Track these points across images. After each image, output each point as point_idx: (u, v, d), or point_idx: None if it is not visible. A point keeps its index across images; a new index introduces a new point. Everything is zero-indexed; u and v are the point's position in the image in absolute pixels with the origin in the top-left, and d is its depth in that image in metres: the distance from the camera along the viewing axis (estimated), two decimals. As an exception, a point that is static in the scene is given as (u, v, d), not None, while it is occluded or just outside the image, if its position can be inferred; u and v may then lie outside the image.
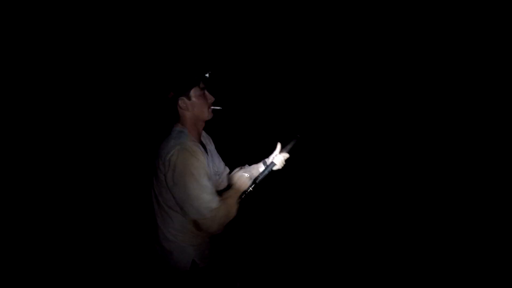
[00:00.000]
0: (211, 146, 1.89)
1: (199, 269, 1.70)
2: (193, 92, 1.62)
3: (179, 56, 4.22)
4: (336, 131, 4.45)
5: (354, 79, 4.61)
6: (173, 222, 1.65)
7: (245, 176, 1.77)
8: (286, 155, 1.89)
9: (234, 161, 2.09)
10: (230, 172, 1.96)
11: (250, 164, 2.01)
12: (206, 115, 1.67)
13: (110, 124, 4.32)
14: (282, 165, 1.89)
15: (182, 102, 1.62)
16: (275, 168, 1.88)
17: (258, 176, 1.82)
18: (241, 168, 1.97)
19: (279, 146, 1.91)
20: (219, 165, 1.92)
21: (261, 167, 1.94)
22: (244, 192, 1.74)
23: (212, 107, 1.69)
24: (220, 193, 1.66)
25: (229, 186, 1.80)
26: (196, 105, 1.63)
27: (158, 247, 1.71)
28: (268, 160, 1.93)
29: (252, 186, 1.78)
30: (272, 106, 4.63)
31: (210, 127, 1.88)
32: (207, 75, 1.65)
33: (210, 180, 1.60)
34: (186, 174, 1.51)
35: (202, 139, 1.79)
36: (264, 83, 4.76)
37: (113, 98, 4.34)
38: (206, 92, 1.67)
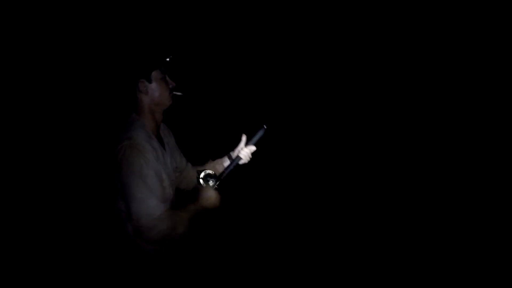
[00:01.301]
0: (170, 140, 1.73)
1: (158, 268, 1.56)
2: (154, 75, 1.51)
3: (141, 39, 4.01)
4: (317, 126, 4.41)
5: (324, 66, 4.58)
6: (124, 223, 1.48)
7: (212, 189, 1.59)
8: (252, 148, 1.75)
9: (197, 155, 1.95)
10: (197, 170, 1.80)
11: (214, 159, 1.86)
12: (167, 100, 1.55)
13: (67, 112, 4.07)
14: (249, 159, 1.76)
15: (142, 85, 1.49)
16: (241, 162, 1.74)
17: (223, 172, 1.69)
18: (204, 165, 1.82)
19: (244, 138, 1.78)
20: (180, 161, 1.78)
21: (226, 162, 1.80)
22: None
23: (173, 93, 1.58)
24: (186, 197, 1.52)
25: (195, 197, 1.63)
26: (157, 89, 1.51)
27: (119, 240, 1.55)
28: (234, 154, 1.79)
29: (217, 183, 1.64)
30: (236, 95, 4.50)
31: (170, 119, 1.73)
32: (168, 59, 1.55)
33: (159, 182, 1.44)
34: (132, 174, 1.37)
35: (161, 132, 1.64)
36: (229, 70, 4.61)
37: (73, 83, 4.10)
38: (167, 77, 1.57)
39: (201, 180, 1.64)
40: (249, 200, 3.68)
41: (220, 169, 1.75)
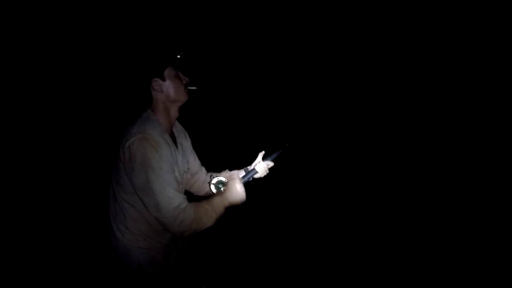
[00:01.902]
0: (185, 141, 1.73)
1: (143, 274, 1.53)
2: (167, 72, 1.50)
3: (151, 38, 4.08)
4: (329, 140, 4.36)
5: (348, 86, 4.57)
6: (124, 218, 1.49)
7: (241, 183, 1.57)
8: (270, 164, 1.73)
9: (213, 162, 1.94)
10: (211, 175, 1.79)
11: (231, 169, 1.85)
12: (183, 96, 1.55)
13: (83, 110, 4.17)
14: (265, 173, 1.73)
15: (156, 83, 1.49)
16: (256, 176, 1.72)
17: None
18: (220, 173, 1.81)
19: (261, 153, 1.76)
20: (193, 163, 1.77)
21: (242, 174, 1.77)
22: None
23: (188, 88, 1.58)
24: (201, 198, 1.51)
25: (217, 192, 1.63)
26: (170, 86, 1.51)
27: (109, 244, 1.56)
28: (250, 167, 1.77)
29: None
30: (260, 108, 4.53)
31: (192, 123, 1.75)
32: (179, 56, 1.56)
33: (173, 175, 1.44)
34: (147, 166, 1.36)
35: (174, 131, 1.64)
36: (251, 79, 4.67)
37: (85, 83, 4.21)
38: (180, 73, 1.56)
39: (212, 186, 1.63)
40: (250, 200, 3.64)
41: None
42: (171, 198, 1.37)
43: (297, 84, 4.65)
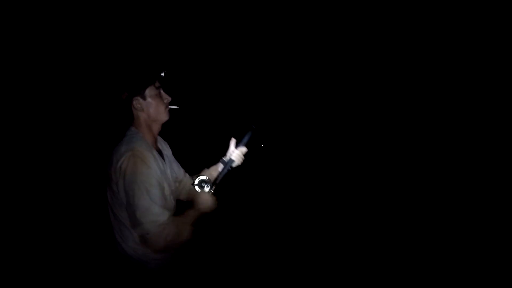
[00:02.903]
0: (168, 152, 1.77)
1: (158, 277, 1.57)
2: (148, 92, 1.52)
3: (132, 56, 4.04)
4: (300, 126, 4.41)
5: (337, 84, 4.58)
6: (132, 236, 1.51)
7: (206, 193, 1.62)
8: (243, 149, 1.78)
9: (191, 165, 1.96)
10: (192, 180, 1.82)
11: (208, 167, 1.88)
12: (164, 115, 1.57)
13: (62, 127, 4.14)
14: (241, 160, 1.78)
15: (137, 102, 1.51)
16: (234, 164, 1.76)
17: (217, 177, 1.71)
18: (200, 174, 1.84)
19: (233, 141, 1.80)
20: (178, 171, 1.81)
21: (220, 167, 1.81)
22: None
23: (169, 107, 1.59)
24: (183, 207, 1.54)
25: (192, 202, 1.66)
26: (151, 105, 1.53)
27: (118, 262, 1.57)
28: (226, 158, 1.82)
29: (213, 188, 1.66)
30: (220, 103, 4.51)
31: (164, 132, 1.74)
32: (162, 74, 1.56)
33: (161, 191, 1.47)
34: (135, 182, 1.39)
35: (159, 145, 1.67)
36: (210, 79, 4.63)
37: (67, 100, 4.16)
38: (162, 92, 1.57)
39: (196, 187, 1.67)
40: (246, 201, 3.69)
41: (215, 175, 1.77)
42: (157, 215, 1.40)
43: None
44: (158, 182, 1.45)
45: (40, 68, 4.06)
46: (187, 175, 1.88)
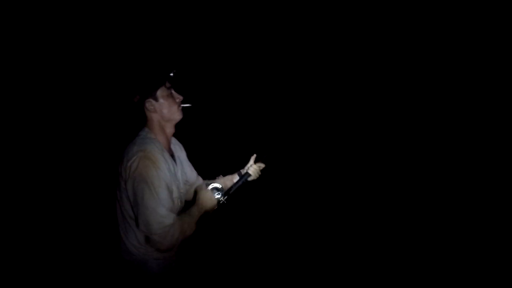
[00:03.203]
0: (181, 154, 1.79)
1: (160, 280, 1.59)
2: (159, 93, 1.54)
3: (140, 58, 4.07)
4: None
5: (343, 86, 4.55)
6: (135, 234, 1.54)
7: (209, 191, 1.65)
8: (261, 165, 1.80)
9: (209, 170, 1.99)
10: (205, 183, 1.85)
11: (224, 175, 1.91)
12: (177, 114, 1.58)
13: (77, 128, 4.19)
14: (257, 175, 1.80)
15: (149, 104, 1.53)
16: (249, 178, 1.78)
17: (231, 187, 1.73)
18: (214, 180, 1.87)
19: (253, 157, 1.83)
20: (191, 175, 1.83)
21: (236, 178, 1.83)
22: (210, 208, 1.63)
23: (182, 105, 1.61)
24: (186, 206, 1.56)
25: (194, 201, 1.68)
26: (164, 106, 1.55)
27: (120, 260, 1.60)
28: (243, 171, 1.84)
29: (225, 198, 1.68)
30: (249, 111, 4.53)
31: (184, 133, 1.78)
32: (172, 74, 1.58)
33: (169, 193, 1.49)
34: (144, 183, 1.42)
35: (172, 146, 1.69)
36: (241, 82, 4.65)
37: (77, 103, 4.20)
38: (173, 91, 1.59)
39: None
40: (248, 201, 3.70)
41: (229, 185, 1.78)
42: (163, 216, 1.42)
43: (289, 85, 4.62)
44: (166, 185, 1.47)
45: (51, 72, 4.12)
46: (200, 179, 1.90)
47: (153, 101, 1.53)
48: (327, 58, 4.54)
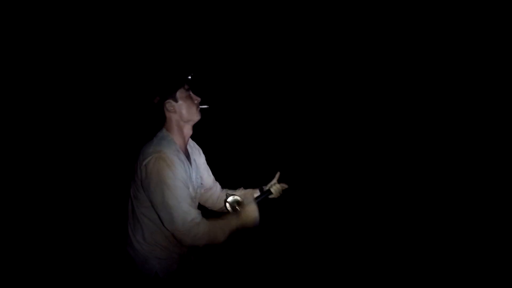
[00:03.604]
0: (199, 158, 1.80)
1: (160, 281, 1.59)
2: (179, 94, 1.58)
3: (160, 60, 4.14)
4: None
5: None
6: (142, 230, 1.56)
7: (255, 204, 1.64)
8: (284, 186, 1.81)
9: (230, 180, 2.00)
10: (226, 193, 1.86)
11: (246, 188, 1.91)
12: (195, 115, 1.62)
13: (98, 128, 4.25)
14: (279, 194, 1.81)
15: (169, 105, 1.57)
16: (271, 196, 1.79)
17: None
18: (235, 190, 1.88)
19: (278, 174, 1.83)
20: (207, 179, 1.84)
21: (257, 194, 1.83)
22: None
23: (200, 107, 1.64)
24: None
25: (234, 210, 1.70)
26: (183, 107, 1.58)
27: (125, 253, 1.63)
28: (265, 187, 1.85)
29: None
30: (279, 126, 4.54)
31: (203, 138, 1.81)
32: (190, 77, 1.62)
33: (187, 192, 1.51)
34: (162, 184, 1.44)
35: (189, 148, 1.71)
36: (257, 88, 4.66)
37: (98, 104, 4.26)
38: (192, 93, 1.63)
39: (227, 204, 1.69)
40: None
41: (249, 199, 1.78)
42: (185, 212, 1.44)
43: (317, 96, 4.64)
44: (183, 185, 1.49)
45: (71, 75, 4.18)
46: (218, 185, 1.90)
47: (173, 102, 1.57)
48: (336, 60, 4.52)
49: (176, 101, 1.57)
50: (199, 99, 1.64)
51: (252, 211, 1.61)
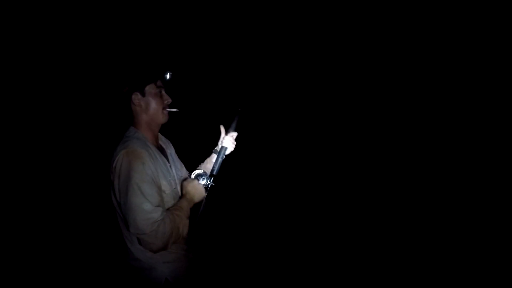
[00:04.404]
0: (171, 151, 1.73)
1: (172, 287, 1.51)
2: (148, 89, 1.52)
3: (137, 52, 4.07)
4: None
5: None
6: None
7: (193, 180, 1.58)
8: (233, 134, 1.72)
9: (194, 164, 1.91)
10: (189, 174, 1.76)
11: (203, 160, 1.83)
12: (161, 116, 1.55)
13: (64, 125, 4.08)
14: (233, 145, 1.72)
15: (136, 97, 1.51)
16: (227, 152, 1.71)
17: (213, 168, 1.66)
18: (195, 170, 1.77)
19: (222, 128, 1.75)
20: (181, 170, 1.76)
21: (214, 158, 1.75)
22: (201, 202, 1.56)
23: (168, 109, 1.57)
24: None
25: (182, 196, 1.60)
26: (150, 104, 1.52)
27: (128, 266, 1.52)
28: (218, 147, 1.75)
29: (212, 180, 1.61)
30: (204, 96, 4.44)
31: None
32: (168, 76, 1.57)
33: (156, 188, 1.41)
34: (127, 180, 1.36)
35: (161, 143, 1.65)
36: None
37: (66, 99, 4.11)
38: (163, 92, 1.57)
39: None
40: (243, 199, 3.70)
41: (211, 167, 1.70)
42: (149, 212, 1.34)
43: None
44: (152, 179, 1.40)
45: (43, 66, 4.01)
46: (187, 173, 1.82)
47: (140, 95, 1.51)
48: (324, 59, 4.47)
49: (143, 95, 1.51)
50: (169, 100, 1.58)
51: (191, 185, 1.55)
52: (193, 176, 1.63)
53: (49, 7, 3.80)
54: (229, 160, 1.75)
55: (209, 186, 1.60)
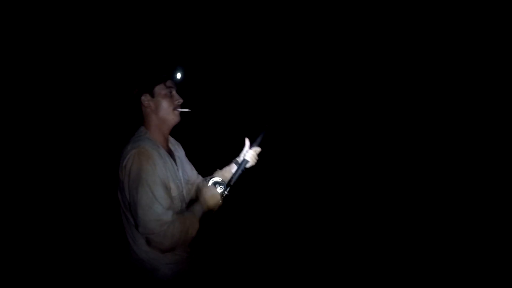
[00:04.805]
0: (180, 153, 1.74)
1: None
2: (157, 90, 1.51)
3: (146, 53, 4.05)
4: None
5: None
6: (142, 238, 1.46)
7: (211, 187, 1.58)
8: (257, 149, 1.73)
9: (204, 166, 1.92)
10: (204, 180, 1.78)
11: (221, 168, 1.84)
12: (171, 117, 1.54)
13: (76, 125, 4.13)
14: (255, 160, 1.73)
15: (145, 98, 1.50)
16: (248, 165, 1.72)
17: (231, 178, 1.66)
18: (213, 175, 1.79)
19: (247, 142, 1.76)
20: (191, 173, 1.77)
21: (233, 168, 1.76)
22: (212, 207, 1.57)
23: (179, 109, 1.56)
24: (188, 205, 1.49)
25: (196, 199, 1.61)
26: (160, 105, 1.51)
27: (130, 267, 1.52)
28: (239, 159, 1.77)
29: (227, 190, 1.62)
30: (234, 104, 4.49)
31: (177, 134, 1.73)
32: (178, 75, 1.56)
33: (166, 191, 1.42)
34: (138, 180, 1.36)
35: (170, 145, 1.64)
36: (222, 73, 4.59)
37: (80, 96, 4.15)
38: (174, 92, 1.55)
39: None
40: (252, 201, 3.70)
41: (229, 177, 1.71)
42: (159, 214, 1.35)
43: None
44: (162, 181, 1.41)
45: (53, 67, 4.04)
46: (200, 177, 1.84)
47: (149, 97, 1.51)
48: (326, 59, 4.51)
49: (153, 96, 1.51)
50: (180, 100, 1.56)
51: (209, 193, 1.55)
52: (211, 182, 1.63)
53: (60, 9, 3.81)
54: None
55: (224, 195, 1.61)
